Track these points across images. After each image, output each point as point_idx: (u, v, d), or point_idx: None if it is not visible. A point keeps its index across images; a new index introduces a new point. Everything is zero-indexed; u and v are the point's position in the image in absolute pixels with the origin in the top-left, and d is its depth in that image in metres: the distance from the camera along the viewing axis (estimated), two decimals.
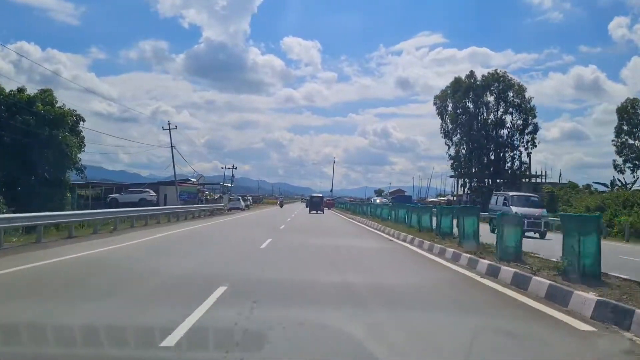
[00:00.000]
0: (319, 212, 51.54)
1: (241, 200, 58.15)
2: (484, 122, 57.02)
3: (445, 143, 59.03)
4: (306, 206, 74.94)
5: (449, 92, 58.39)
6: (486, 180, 57.75)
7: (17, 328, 5.23)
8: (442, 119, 58.90)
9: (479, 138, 56.52)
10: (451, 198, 69.67)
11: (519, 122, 56.24)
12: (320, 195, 57.90)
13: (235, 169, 78.75)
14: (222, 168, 78.87)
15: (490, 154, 57.82)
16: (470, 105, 57.22)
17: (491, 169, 57.38)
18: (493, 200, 26.49)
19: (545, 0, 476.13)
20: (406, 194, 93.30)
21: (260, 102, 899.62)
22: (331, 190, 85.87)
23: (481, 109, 57.29)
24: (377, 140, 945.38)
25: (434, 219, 18.33)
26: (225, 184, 78.30)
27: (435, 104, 59.50)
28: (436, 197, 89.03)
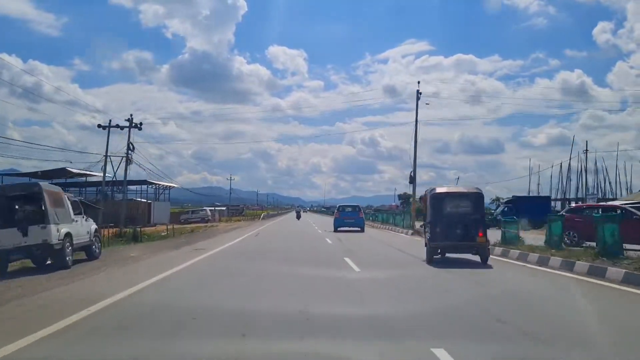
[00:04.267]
0: None
1: None
2: None
3: None
4: (336, 227, 30.26)
5: None
6: None
7: None
8: None
9: None
10: None
11: None
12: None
13: (139, 127, 33.28)
14: (102, 127, 32.71)
15: None
16: None
17: None
18: None
19: (531, 5, 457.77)
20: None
21: (247, 112, 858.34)
22: (413, 180, 30.40)
23: None
24: (365, 149, 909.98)
25: None
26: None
27: None
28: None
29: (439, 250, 13.90)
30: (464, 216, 13.58)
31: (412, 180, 28.88)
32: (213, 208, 70.31)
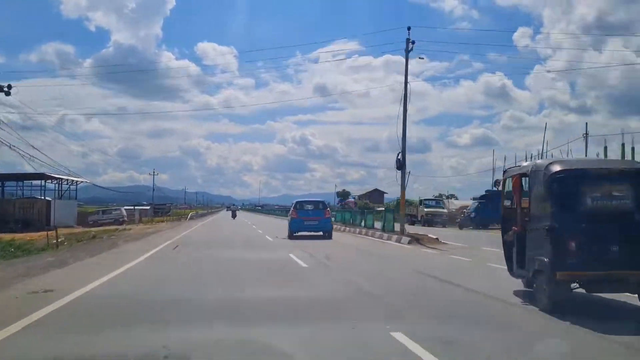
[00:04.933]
0: None
1: None
2: None
3: None
4: (294, 231, 22.10)
5: None
6: None
7: None
8: None
9: None
10: None
11: None
12: None
13: (7, 91, 23.33)
14: None
15: None
16: None
17: None
18: None
19: (455, 9, 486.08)
20: None
21: (175, 109, 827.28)
22: (402, 165, 20.12)
23: None
24: (296, 147, 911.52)
25: None
26: None
27: None
28: None
29: (573, 286, 6.56)
30: (624, 217, 6.38)
31: (401, 165, 20.29)
32: (132, 207, 59.66)
